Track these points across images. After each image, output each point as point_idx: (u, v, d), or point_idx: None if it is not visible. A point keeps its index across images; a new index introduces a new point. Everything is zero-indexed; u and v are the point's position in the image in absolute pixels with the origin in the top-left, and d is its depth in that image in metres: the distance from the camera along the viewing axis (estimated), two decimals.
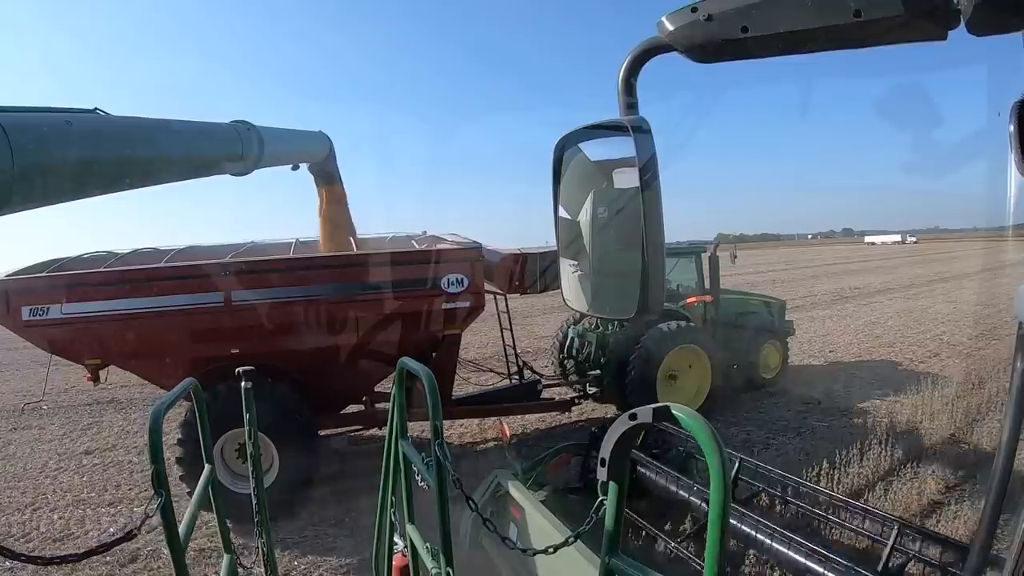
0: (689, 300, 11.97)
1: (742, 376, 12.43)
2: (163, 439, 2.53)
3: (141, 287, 7.51)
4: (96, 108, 4.12)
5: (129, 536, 2.48)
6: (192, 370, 7.24)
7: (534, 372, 10.93)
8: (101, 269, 8.15)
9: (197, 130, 5.63)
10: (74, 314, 7.34)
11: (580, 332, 11.71)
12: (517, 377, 10.45)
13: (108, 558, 6.66)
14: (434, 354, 8.94)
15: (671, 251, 12.51)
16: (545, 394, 10.54)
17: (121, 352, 7.76)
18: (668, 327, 10.52)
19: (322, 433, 8.50)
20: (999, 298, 23.91)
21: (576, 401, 10.77)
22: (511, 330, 10.35)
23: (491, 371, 11.35)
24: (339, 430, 9.01)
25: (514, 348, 10.34)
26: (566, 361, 11.87)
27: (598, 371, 10.94)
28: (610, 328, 11.10)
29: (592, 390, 11.00)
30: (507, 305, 10.17)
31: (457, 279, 8.03)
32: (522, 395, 10.12)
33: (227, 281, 7.58)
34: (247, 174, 6.54)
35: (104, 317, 7.40)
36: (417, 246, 9.45)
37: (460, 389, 10.28)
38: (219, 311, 7.57)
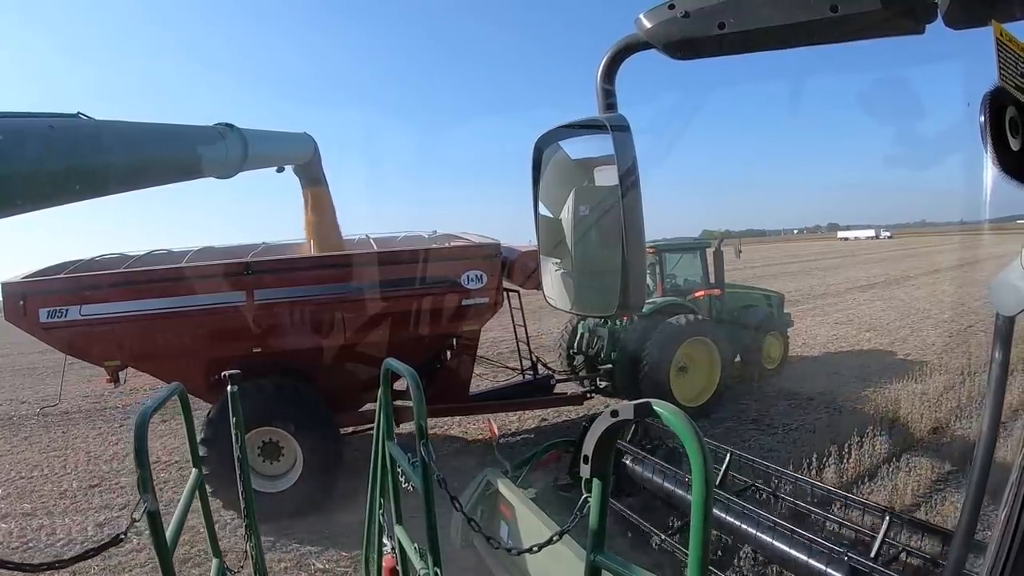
0: (697, 293, 12.16)
1: (747, 368, 12.65)
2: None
3: (163, 287, 7.52)
4: (79, 112, 4.09)
5: (116, 540, 2.47)
6: (212, 371, 7.26)
7: (547, 367, 11.02)
8: (121, 270, 8.16)
9: (181, 133, 5.60)
10: (94, 315, 7.31)
11: (591, 327, 11.79)
12: (531, 372, 10.49)
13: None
14: (448, 352, 9.08)
15: (677, 247, 12.87)
16: (557, 389, 10.65)
17: (141, 353, 7.74)
18: (679, 321, 10.65)
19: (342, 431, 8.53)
20: (908, 316, 20.77)
21: (588, 395, 10.83)
22: (524, 326, 10.35)
23: (505, 367, 11.37)
24: (359, 428, 9.04)
25: (527, 344, 10.35)
26: (575, 356, 11.95)
27: (610, 365, 10.99)
28: (619, 323, 11.16)
29: (603, 384, 11.07)
30: (520, 301, 10.18)
31: (476, 275, 8.09)
32: (536, 390, 10.19)
33: (249, 280, 7.61)
34: (231, 176, 6.51)
35: (124, 318, 7.38)
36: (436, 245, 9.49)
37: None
38: (241, 311, 7.58)
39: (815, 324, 19.53)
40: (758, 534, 5.18)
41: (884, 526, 4.95)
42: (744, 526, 5.31)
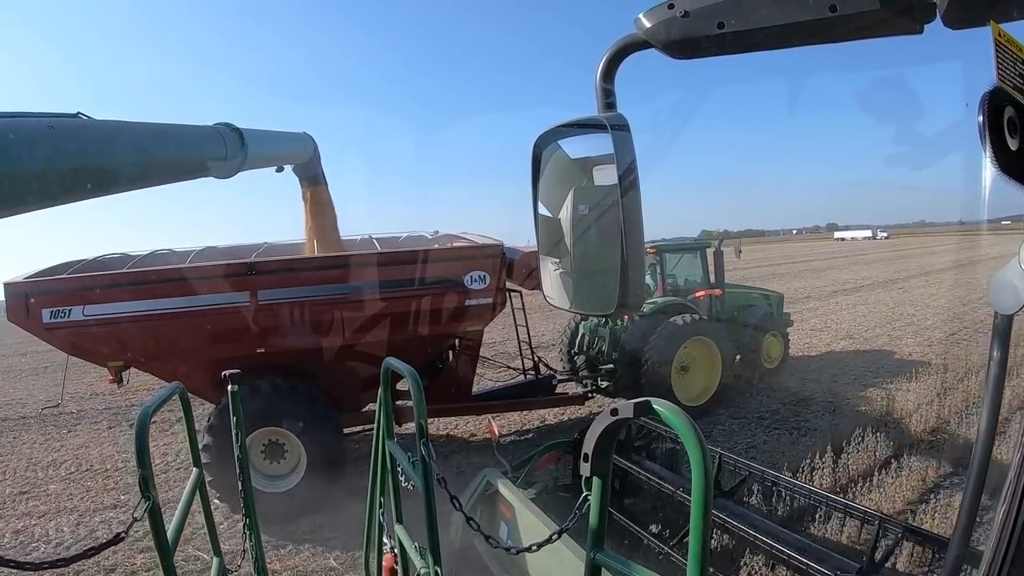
0: (698, 293, 12.21)
1: (747, 367, 12.68)
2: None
3: (166, 288, 7.51)
4: (79, 112, 4.08)
5: (116, 539, 2.47)
6: (216, 371, 7.28)
7: (548, 367, 11.03)
8: (124, 270, 8.17)
9: (180, 133, 5.58)
10: (97, 316, 7.30)
11: (592, 327, 11.82)
12: (533, 372, 10.52)
13: None
14: (451, 353, 9.15)
15: (677, 247, 12.91)
16: (559, 390, 10.72)
17: (144, 354, 7.73)
18: (680, 320, 10.69)
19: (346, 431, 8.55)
20: (890, 322, 19.63)
21: (590, 396, 10.88)
22: (527, 326, 10.35)
23: (507, 367, 11.40)
24: (362, 428, 9.05)
25: (529, 344, 10.36)
26: (576, 356, 11.98)
27: (611, 365, 11.03)
28: (621, 323, 11.18)
29: (604, 384, 11.11)
30: (523, 302, 10.19)
31: (480, 276, 8.13)
32: (537, 391, 10.23)
33: (252, 281, 7.62)
34: (231, 176, 6.51)
35: (128, 318, 7.38)
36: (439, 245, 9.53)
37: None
38: (244, 311, 7.58)
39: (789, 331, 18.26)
40: (755, 537, 5.17)
41: (879, 531, 4.95)
42: (742, 529, 5.31)
